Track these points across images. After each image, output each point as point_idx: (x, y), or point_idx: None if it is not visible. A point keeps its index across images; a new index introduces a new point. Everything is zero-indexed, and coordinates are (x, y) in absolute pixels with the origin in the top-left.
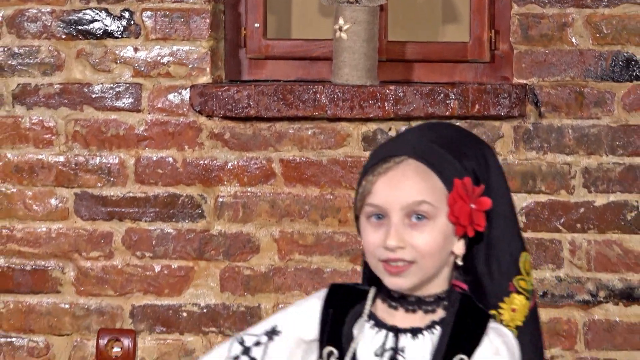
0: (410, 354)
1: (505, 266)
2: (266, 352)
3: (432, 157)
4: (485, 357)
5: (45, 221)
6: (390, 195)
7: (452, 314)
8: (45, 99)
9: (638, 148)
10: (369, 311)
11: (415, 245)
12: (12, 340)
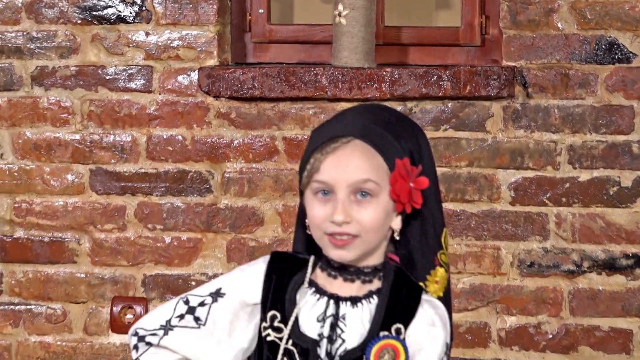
0: (350, 321)
1: (432, 241)
2: (210, 312)
3: (376, 138)
4: (420, 327)
5: (62, 195)
6: (337, 173)
7: (388, 285)
8: (62, 80)
9: (620, 127)
10: (309, 279)
11: (360, 221)
12: (31, 307)
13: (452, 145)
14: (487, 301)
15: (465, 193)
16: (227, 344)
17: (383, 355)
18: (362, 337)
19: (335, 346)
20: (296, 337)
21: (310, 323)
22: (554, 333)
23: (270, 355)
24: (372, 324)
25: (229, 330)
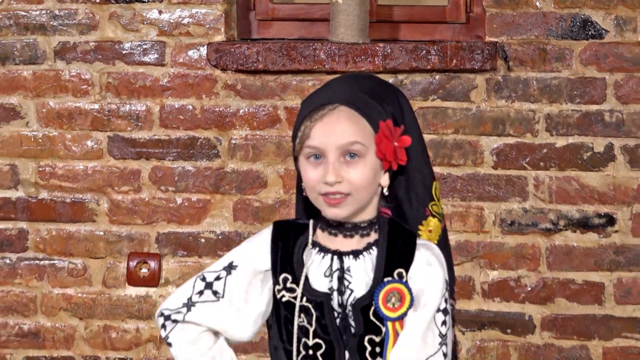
0: (355, 273)
1: (421, 194)
2: (226, 284)
3: (360, 103)
4: (419, 268)
5: (82, 160)
6: (326, 137)
7: (384, 236)
8: (82, 54)
9: (593, 97)
10: (312, 240)
11: (350, 180)
12: (54, 262)
13: (440, 114)
14: (471, 257)
15: (452, 158)
16: (245, 310)
17: (390, 298)
18: (368, 285)
19: (345, 297)
20: (309, 294)
21: (319, 279)
22: (533, 286)
23: (287, 314)
24: (376, 272)
25: (245, 298)
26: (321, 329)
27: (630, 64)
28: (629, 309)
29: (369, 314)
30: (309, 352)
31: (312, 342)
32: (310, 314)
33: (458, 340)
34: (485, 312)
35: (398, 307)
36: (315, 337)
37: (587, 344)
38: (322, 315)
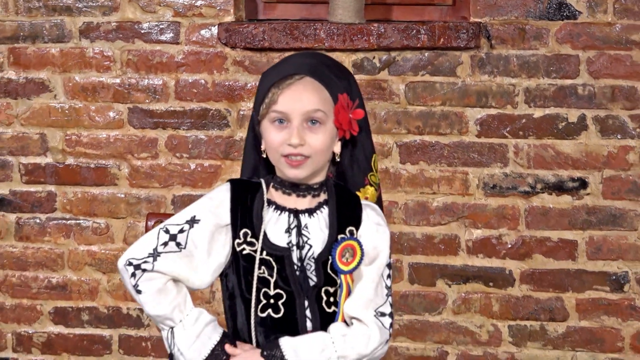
0: (311, 229)
1: (362, 164)
2: (189, 236)
3: (323, 76)
4: (369, 228)
5: (105, 129)
6: (293, 104)
7: (333, 197)
8: (104, 33)
9: (567, 72)
10: (267, 198)
11: (312, 144)
12: (80, 222)
13: (428, 88)
14: (457, 217)
15: (439, 127)
16: (206, 261)
17: (345, 254)
18: (324, 241)
19: (304, 251)
20: (269, 248)
21: (278, 235)
22: (512, 243)
23: (247, 266)
24: (330, 229)
25: (207, 249)
26: (282, 280)
27: (601, 42)
28: (600, 264)
29: (326, 267)
30: (269, 301)
31: (274, 292)
32: (271, 266)
33: (445, 292)
34: (470, 267)
35: (350, 262)
36: (276, 288)
37: (561, 296)
38: (283, 268)
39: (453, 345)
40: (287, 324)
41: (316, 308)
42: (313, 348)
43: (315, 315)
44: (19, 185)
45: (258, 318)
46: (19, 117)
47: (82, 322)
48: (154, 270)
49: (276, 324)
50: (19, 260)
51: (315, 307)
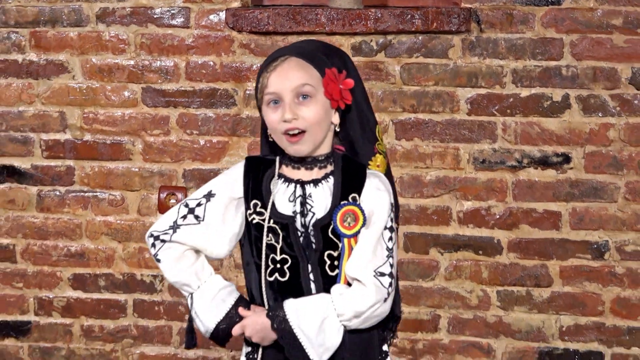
0: (315, 198)
1: (369, 135)
2: (206, 209)
3: (308, 54)
4: (369, 192)
5: (120, 108)
6: (281, 83)
7: (339, 167)
8: (119, 18)
9: (552, 55)
10: (278, 172)
11: (305, 117)
12: (97, 194)
13: (422, 69)
14: (449, 189)
15: (432, 106)
16: (222, 231)
17: (346, 218)
18: (327, 208)
19: (307, 218)
20: (275, 217)
21: (285, 205)
22: (501, 214)
23: (257, 234)
24: (333, 197)
25: (222, 220)
26: (287, 246)
27: (584, 27)
28: (582, 234)
29: (327, 232)
30: (276, 265)
31: (280, 258)
32: (277, 233)
33: (438, 260)
34: (461, 237)
35: (353, 226)
36: (282, 254)
37: (546, 263)
38: (288, 235)
39: (445, 309)
40: (293, 287)
41: (319, 272)
42: (313, 308)
43: (318, 278)
44: (40, 160)
45: (267, 282)
46: (40, 97)
47: (99, 287)
48: (172, 241)
49: (282, 287)
50: (40, 230)
51: (318, 270)
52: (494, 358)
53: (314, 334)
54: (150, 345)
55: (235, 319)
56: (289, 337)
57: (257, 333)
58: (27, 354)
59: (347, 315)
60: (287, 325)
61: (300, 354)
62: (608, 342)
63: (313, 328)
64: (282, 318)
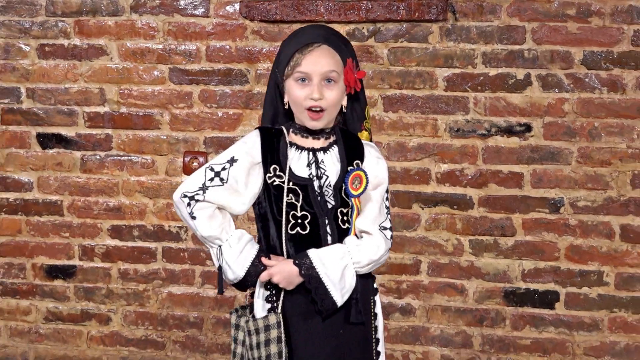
0: (327, 163)
1: (359, 113)
2: (230, 173)
3: (335, 44)
4: (372, 161)
5: (150, 85)
6: (314, 66)
7: (340, 137)
8: (150, 9)
9: (516, 40)
10: (289, 141)
11: (328, 98)
12: (131, 158)
13: (406, 52)
14: (428, 154)
15: (415, 83)
16: (244, 192)
17: (354, 181)
18: (337, 172)
19: (322, 181)
20: (294, 179)
21: (301, 169)
22: (472, 175)
23: (277, 194)
24: (342, 163)
25: (244, 182)
26: (306, 204)
27: (543, 16)
28: (541, 192)
29: (340, 192)
30: (297, 221)
31: (300, 214)
32: (297, 194)
33: (419, 214)
34: (439, 194)
35: (359, 187)
36: (302, 210)
37: (510, 217)
38: (307, 194)
39: (425, 255)
40: (312, 239)
41: (334, 225)
42: (334, 256)
43: (333, 230)
44: (83, 129)
45: (288, 235)
46: (83, 75)
47: (133, 236)
48: (205, 200)
49: (303, 239)
50: (83, 188)
51: (333, 224)
52: (466, 296)
53: (337, 279)
54: (176, 285)
55: (260, 267)
56: (316, 282)
57: (285, 279)
58: (72, 292)
59: (362, 263)
60: (315, 271)
61: (325, 296)
62: (562, 283)
63: (337, 274)
64: (309, 265)
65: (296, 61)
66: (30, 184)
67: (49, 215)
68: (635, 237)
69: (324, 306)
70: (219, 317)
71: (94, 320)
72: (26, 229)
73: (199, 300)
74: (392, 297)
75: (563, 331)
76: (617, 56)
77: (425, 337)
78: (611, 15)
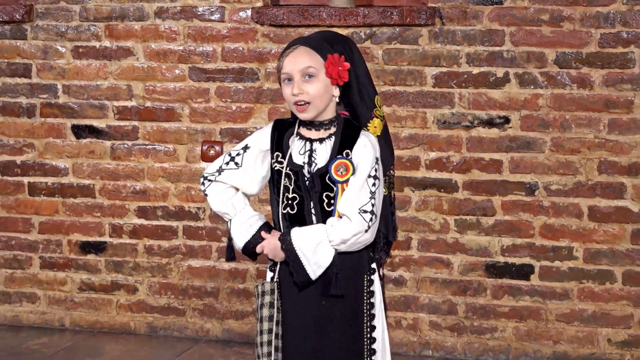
0: (319, 153)
1: (368, 103)
2: (243, 158)
3: (314, 43)
4: (358, 148)
5: (172, 82)
6: (292, 65)
7: (339, 129)
8: (172, 15)
9: (496, 42)
10: (297, 132)
11: (308, 92)
12: (155, 146)
13: (399, 53)
14: (418, 143)
15: (406, 80)
16: (254, 175)
17: (339, 169)
18: (327, 161)
19: (312, 168)
20: (291, 165)
21: (298, 156)
22: (457, 162)
23: (277, 178)
24: (332, 152)
25: (254, 167)
26: (297, 187)
27: (520, 21)
28: (518, 176)
29: (325, 178)
30: (289, 202)
31: (291, 196)
32: (291, 178)
33: (410, 196)
34: (427, 178)
35: (344, 174)
36: (293, 193)
37: (491, 199)
38: (298, 179)
39: (415, 233)
40: (299, 218)
41: (319, 208)
42: (311, 234)
43: (317, 212)
44: (112, 121)
45: (282, 214)
46: (112, 73)
47: (157, 216)
48: (217, 181)
49: (292, 218)
50: (113, 173)
51: (318, 207)
52: (452, 269)
53: (310, 254)
54: (195, 259)
55: (259, 240)
56: (292, 256)
57: (272, 251)
58: (103, 266)
59: (335, 241)
60: (292, 246)
61: (300, 269)
62: (537, 257)
63: (309, 249)
64: (289, 241)
65: (279, 65)
66: (66, 170)
67: (82, 197)
68: (602, 217)
69: (299, 279)
70: (233, 287)
71: (123, 290)
72: (62, 210)
73: (215, 272)
74: (386, 269)
75: (537, 300)
76: (586, 56)
77: (415, 305)
78: (580, 20)
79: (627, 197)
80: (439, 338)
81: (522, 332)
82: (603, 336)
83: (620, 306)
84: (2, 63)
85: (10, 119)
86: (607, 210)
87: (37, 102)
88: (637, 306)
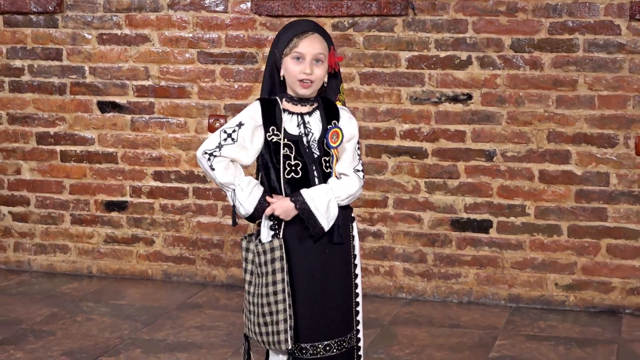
0: (312, 123)
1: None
2: (238, 133)
3: (325, 34)
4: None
5: (183, 64)
6: (308, 48)
7: (321, 104)
8: (182, 6)
9: (461, 29)
10: (282, 108)
11: (316, 74)
12: (168, 119)
13: (377, 39)
14: (394, 117)
15: (384, 63)
16: (249, 148)
17: (333, 136)
18: (320, 130)
19: (309, 137)
20: (288, 137)
21: (293, 129)
22: (427, 132)
23: (275, 148)
24: (323, 122)
25: (250, 140)
26: (298, 155)
27: (481, 12)
28: (480, 145)
29: (323, 145)
30: (292, 168)
31: (294, 162)
32: (291, 147)
33: (387, 162)
34: (401, 147)
35: (336, 141)
36: (295, 160)
37: (456, 164)
38: (298, 148)
39: (391, 193)
40: (303, 181)
41: (320, 171)
42: (321, 193)
43: (319, 174)
44: (132, 97)
45: (285, 179)
46: (132, 57)
47: (170, 179)
48: (220, 155)
49: (297, 181)
50: (133, 142)
51: (319, 170)
52: (422, 224)
53: (324, 211)
54: (203, 216)
55: (265, 204)
56: (308, 213)
57: (284, 212)
58: (125, 221)
59: (342, 197)
60: (307, 206)
61: (315, 224)
62: (495, 214)
63: (323, 207)
64: (302, 201)
65: (294, 44)
66: (92, 140)
67: (106, 163)
68: (550, 179)
69: (315, 231)
70: (235, 240)
71: (141, 242)
72: (89, 174)
73: (221, 227)
74: (366, 224)
75: (495, 250)
76: (537, 42)
77: (391, 255)
78: (532, 11)
79: (571, 163)
80: (411, 283)
81: (482, 278)
82: (551, 281)
83: (565, 255)
84: (37, 48)
85: (45, 96)
86: (555, 173)
87: (68, 82)
88: (580, 255)
